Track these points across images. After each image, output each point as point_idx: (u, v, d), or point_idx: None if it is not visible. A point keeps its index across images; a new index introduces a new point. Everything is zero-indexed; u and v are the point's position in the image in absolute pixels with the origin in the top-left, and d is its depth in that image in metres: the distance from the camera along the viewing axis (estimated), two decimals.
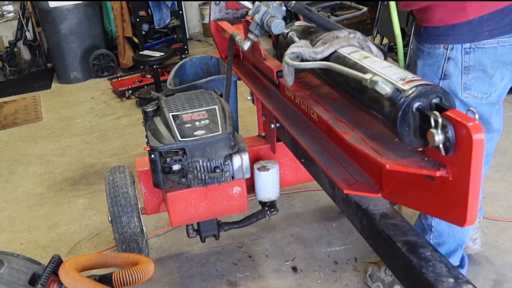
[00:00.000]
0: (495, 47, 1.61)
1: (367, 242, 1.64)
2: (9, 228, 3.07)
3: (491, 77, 1.66)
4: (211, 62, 3.64)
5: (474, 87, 1.67)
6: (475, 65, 1.63)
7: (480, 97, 1.69)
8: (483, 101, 1.70)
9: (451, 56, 1.64)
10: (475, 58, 1.62)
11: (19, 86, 5.84)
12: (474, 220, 1.07)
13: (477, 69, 1.64)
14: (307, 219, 2.82)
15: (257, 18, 1.77)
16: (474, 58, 1.62)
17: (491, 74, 1.66)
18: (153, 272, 1.71)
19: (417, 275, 1.32)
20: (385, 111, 1.20)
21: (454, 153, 1.04)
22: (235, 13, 2.70)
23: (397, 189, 1.27)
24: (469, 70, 1.64)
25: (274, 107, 1.99)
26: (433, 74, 1.69)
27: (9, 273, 1.57)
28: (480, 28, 1.58)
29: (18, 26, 6.11)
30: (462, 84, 1.67)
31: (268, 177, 2.33)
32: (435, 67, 1.69)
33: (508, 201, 2.78)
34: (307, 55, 1.50)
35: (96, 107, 4.95)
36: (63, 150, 4.06)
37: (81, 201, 3.26)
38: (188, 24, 6.95)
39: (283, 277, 2.42)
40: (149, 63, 4.77)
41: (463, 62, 1.64)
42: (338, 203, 1.75)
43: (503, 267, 2.33)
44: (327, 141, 1.61)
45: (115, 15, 5.53)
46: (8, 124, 4.76)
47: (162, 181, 2.01)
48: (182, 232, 2.71)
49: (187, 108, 2.09)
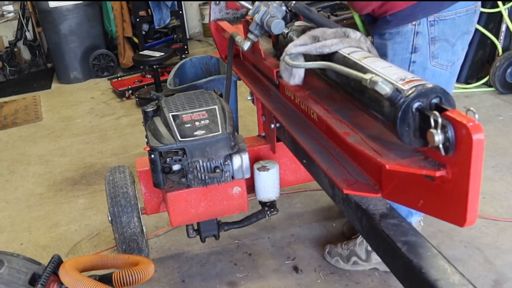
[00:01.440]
0: (453, 18, 1.79)
1: (367, 242, 1.64)
2: (9, 228, 3.07)
3: (453, 45, 1.84)
4: (211, 62, 3.64)
5: (440, 55, 1.84)
6: (439, 35, 1.80)
7: (446, 65, 1.87)
8: (448, 69, 1.88)
9: (418, 30, 1.79)
10: (439, 29, 1.79)
11: (19, 86, 5.85)
12: (474, 220, 1.07)
13: (441, 38, 1.81)
14: (307, 219, 2.82)
15: (257, 18, 1.77)
16: (438, 29, 1.79)
17: (453, 43, 1.84)
18: (153, 273, 1.71)
19: (417, 275, 1.32)
20: (385, 111, 1.20)
21: (454, 153, 1.04)
22: (235, 13, 2.69)
23: (397, 189, 1.27)
24: (435, 41, 1.81)
25: (274, 107, 1.99)
26: (403, 49, 1.83)
27: (9, 273, 1.56)
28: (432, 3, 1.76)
29: (18, 26, 6.11)
30: (430, 54, 1.83)
31: (268, 177, 2.33)
32: (405, 43, 1.82)
33: (508, 201, 2.78)
34: (314, 51, 1.54)
35: (96, 107, 4.95)
36: (63, 150, 4.06)
37: (81, 201, 3.26)
38: (188, 24, 6.95)
39: (283, 277, 2.42)
40: (149, 63, 4.78)
41: (429, 34, 1.79)
42: (338, 203, 1.75)
43: (503, 267, 2.33)
44: (327, 141, 1.61)
45: (115, 15, 5.54)
46: (8, 124, 4.76)
47: (162, 181, 2.01)
48: (182, 232, 2.71)
49: (187, 108, 2.09)
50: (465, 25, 1.85)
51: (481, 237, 2.52)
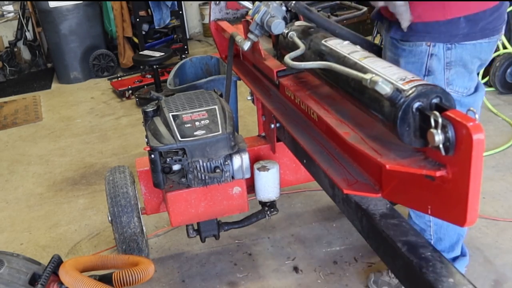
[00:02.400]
0: (474, 44, 1.66)
1: (367, 242, 1.64)
2: (9, 228, 3.07)
3: (471, 72, 1.72)
4: (211, 62, 3.63)
5: (456, 82, 1.72)
6: (457, 61, 1.67)
7: (462, 92, 1.74)
8: (464, 95, 1.75)
9: (433, 52, 1.67)
10: (456, 54, 1.66)
11: (19, 86, 5.84)
12: (474, 220, 1.07)
13: (458, 64, 1.68)
14: (307, 219, 2.82)
15: (257, 18, 1.76)
16: (456, 54, 1.66)
17: (471, 69, 1.72)
18: (153, 273, 1.71)
19: (417, 275, 1.32)
20: (385, 111, 1.20)
21: (454, 153, 1.04)
22: (235, 13, 2.69)
23: (397, 189, 1.27)
24: (451, 66, 1.68)
25: (274, 107, 1.99)
26: (416, 71, 1.70)
27: (9, 273, 1.56)
28: (455, 30, 1.62)
29: (18, 26, 6.11)
30: (445, 80, 1.71)
31: (268, 177, 2.33)
32: (419, 64, 1.71)
33: (508, 201, 2.78)
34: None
35: (96, 107, 4.95)
36: (63, 150, 4.06)
37: (81, 201, 3.26)
38: (188, 24, 6.94)
39: (283, 277, 2.42)
40: (149, 63, 4.77)
41: (445, 58, 1.67)
42: (338, 203, 1.75)
43: (503, 267, 2.33)
44: (327, 141, 1.61)
45: (115, 15, 5.53)
46: (8, 124, 4.76)
47: (162, 181, 2.01)
48: (182, 232, 2.71)
49: (187, 108, 2.09)
50: (486, 53, 1.72)
51: (481, 237, 2.52)
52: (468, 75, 1.72)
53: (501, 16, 1.68)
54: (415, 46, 1.69)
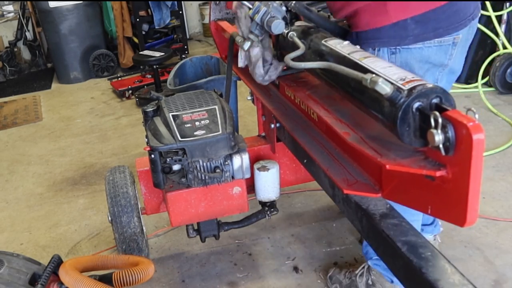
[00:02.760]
0: (421, 47, 1.62)
1: (367, 242, 1.64)
2: (9, 228, 3.07)
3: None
4: (211, 62, 3.64)
5: None
6: (402, 66, 1.59)
7: None
8: None
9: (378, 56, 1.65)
10: (401, 59, 1.63)
11: (19, 86, 5.84)
12: (474, 220, 1.07)
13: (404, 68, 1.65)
14: (307, 219, 2.82)
15: (257, 18, 1.76)
16: (400, 58, 1.63)
17: (420, 76, 1.67)
18: (153, 273, 1.71)
19: (417, 275, 1.32)
20: (385, 111, 1.20)
21: (454, 153, 1.04)
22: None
23: (397, 189, 1.27)
24: None
25: (274, 107, 1.99)
26: None
27: (9, 273, 1.56)
28: (405, 32, 1.60)
29: (18, 26, 6.11)
30: None
31: (268, 177, 2.33)
32: None
33: (508, 201, 2.78)
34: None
35: (96, 107, 4.95)
36: (63, 150, 4.06)
37: (81, 201, 3.26)
38: (188, 24, 6.94)
39: (283, 277, 2.42)
40: (149, 63, 4.77)
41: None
42: (338, 203, 1.74)
43: (503, 267, 2.33)
44: (327, 141, 1.61)
45: (115, 15, 5.53)
46: (8, 124, 4.76)
47: (162, 181, 2.01)
48: (182, 232, 2.71)
49: (187, 108, 2.09)
50: (437, 57, 1.65)
51: (481, 237, 2.52)
52: None
53: (458, 13, 1.62)
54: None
